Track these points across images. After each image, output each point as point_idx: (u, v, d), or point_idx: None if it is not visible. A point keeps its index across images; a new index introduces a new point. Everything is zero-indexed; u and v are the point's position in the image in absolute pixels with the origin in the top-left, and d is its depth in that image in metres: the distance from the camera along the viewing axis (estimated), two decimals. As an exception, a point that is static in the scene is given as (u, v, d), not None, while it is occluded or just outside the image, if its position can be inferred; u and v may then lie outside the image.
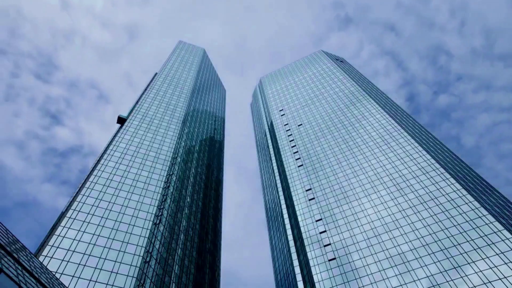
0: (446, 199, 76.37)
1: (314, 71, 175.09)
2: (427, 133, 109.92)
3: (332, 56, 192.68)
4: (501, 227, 65.72)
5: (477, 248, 64.35)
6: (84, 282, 57.50)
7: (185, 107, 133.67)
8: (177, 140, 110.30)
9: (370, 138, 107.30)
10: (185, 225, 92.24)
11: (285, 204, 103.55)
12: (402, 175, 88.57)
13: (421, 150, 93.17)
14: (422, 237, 71.43)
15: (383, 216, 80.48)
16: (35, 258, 36.49)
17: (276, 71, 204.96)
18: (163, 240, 76.23)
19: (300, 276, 78.81)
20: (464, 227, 69.03)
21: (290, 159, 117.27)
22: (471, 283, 59.56)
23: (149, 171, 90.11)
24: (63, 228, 65.51)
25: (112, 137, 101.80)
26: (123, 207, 76.12)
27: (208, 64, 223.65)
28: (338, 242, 79.72)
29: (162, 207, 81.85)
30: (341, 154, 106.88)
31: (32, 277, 28.63)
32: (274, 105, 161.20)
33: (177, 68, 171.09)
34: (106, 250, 64.75)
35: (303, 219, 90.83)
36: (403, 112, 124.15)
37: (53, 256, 59.46)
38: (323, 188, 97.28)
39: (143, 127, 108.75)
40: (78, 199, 73.34)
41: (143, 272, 64.28)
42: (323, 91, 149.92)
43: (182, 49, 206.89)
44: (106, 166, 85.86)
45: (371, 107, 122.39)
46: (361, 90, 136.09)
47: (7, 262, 25.31)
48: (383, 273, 68.69)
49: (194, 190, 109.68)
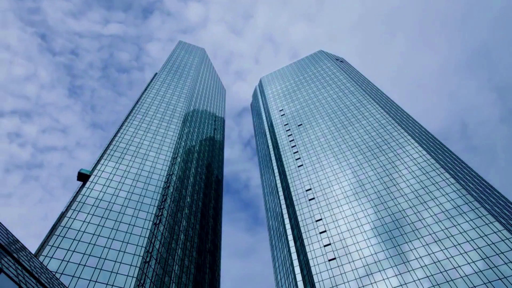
0: (446, 199, 76.37)
1: (314, 71, 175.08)
2: (427, 133, 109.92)
3: (332, 56, 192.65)
4: (501, 227, 65.73)
5: (477, 248, 64.35)
6: (84, 282, 57.50)
7: (185, 107, 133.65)
8: (177, 140, 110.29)
9: (370, 138, 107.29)
10: (185, 225, 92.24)
11: (285, 204, 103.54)
12: (402, 175, 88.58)
13: (421, 150, 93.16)
14: (422, 237, 71.43)
15: (383, 216, 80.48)
16: (35, 258, 36.49)
17: (276, 71, 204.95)
18: (163, 240, 76.22)
19: (300, 276, 78.81)
20: (464, 227, 69.03)
21: (290, 159, 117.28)
22: (471, 283, 59.55)
23: (149, 171, 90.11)
24: (63, 228, 65.51)
25: (112, 137, 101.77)
26: (123, 207, 76.12)
27: (208, 64, 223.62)
28: (338, 242, 79.72)
29: (162, 207, 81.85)
30: (341, 154, 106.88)
31: (32, 277, 28.64)
32: (274, 105, 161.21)
33: (177, 68, 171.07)
34: (106, 250, 64.76)
35: (303, 219, 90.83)
36: (403, 112, 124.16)
37: (53, 256, 59.47)
38: (323, 188, 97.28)
39: (143, 127, 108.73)
40: (78, 199, 73.34)
41: (143, 272, 64.28)
42: (323, 91, 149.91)
43: (182, 49, 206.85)
44: (106, 166, 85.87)
45: (371, 107, 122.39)
46: (361, 90, 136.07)
47: (7, 262, 25.31)
48: (383, 273, 68.71)
49: (194, 190, 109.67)
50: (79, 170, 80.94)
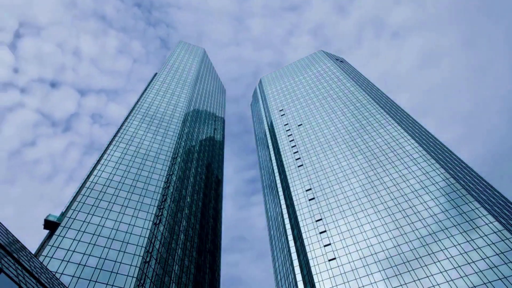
0: (446, 199, 76.38)
1: (314, 71, 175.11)
2: (427, 133, 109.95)
3: (332, 56, 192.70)
4: (501, 227, 65.74)
5: (477, 248, 64.37)
6: (84, 282, 57.51)
7: (185, 107, 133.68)
8: (177, 140, 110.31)
9: (370, 138, 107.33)
10: (185, 225, 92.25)
11: (285, 204, 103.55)
12: (402, 175, 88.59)
13: (421, 150, 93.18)
14: (422, 237, 71.44)
15: (383, 216, 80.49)
16: (35, 258, 36.50)
17: (276, 71, 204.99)
18: (163, 240, 76.23)
19: (300, 276, 78.81)
20: (464, 227, 69.05)
21: (290, 159, 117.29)
22: (471, 283, 59.58)
23: (149, 171, 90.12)
24: (63, 228, 65.50)
25: (112, 137, 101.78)
26: (123, 207, 76.14)
27: (208, 64, 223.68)
28: (338, 242, 79.72)
29: (162, 207, 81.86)
30: (341, 154, 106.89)
31: (32, 277, 28.64)
32: (274, 105, 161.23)
33: (177, 68, 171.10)
34: (106, 250, 64.76)
35: (303, 219, 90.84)
36: (403, 112, 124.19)
37: (53, 256, 59.48)
38: (323, 188, 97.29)
39: (143, 127, 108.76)
40: (78, 199, 73.36)
41: (143, 272, 64.29)
42: (323, 91, 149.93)
43: (182, 49, 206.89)
44: (106, 166, 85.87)
45: (371, 107, 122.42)
46: (361, 90, 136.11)
47: (7, 262, 25.32)
48: (383, 273, 68.71)
49: (194, 190, 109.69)
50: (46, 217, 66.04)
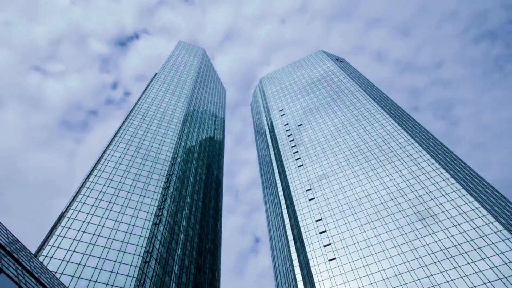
0: (446, 199, 76.38)
1: (314, 71, 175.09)
2: (427, 133, 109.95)
3: (332, 56, 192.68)
4: (501, 227, 65.74)
5: (477, 248, 64.35)
6: (84, 282, 57.50)
7: (185, 107, 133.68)
8: (177, 140, 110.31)
9: (370, 138, 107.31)
10: (185, 225, 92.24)
11: (285, 204, 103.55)
12: (402, 175, 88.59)
13: (421, 150, 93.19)
14: (422, 237, 71.43)
15: (383, 216, 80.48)
16: (35, 258, 36.49)
17: (276, 71, 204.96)
18: (163, 240, 76.23)
19: (300, 276, 78.81)
20: (464, 227, 69.04)
21: (290, 159, 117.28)
22: (471, 283, 59.56)
23: (149, 171, 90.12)
24: (63, 228, 65.52)
25: (112, 137, 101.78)
26: (123, 207, 76.13)
27: (208, 64, 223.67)
28: (338, 242, 79.71)
29: (162, 207, 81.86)
30: (341, 154, 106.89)
31: (32, 277, 28.63)
32: (274, 105, 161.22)
33: (177, 68, 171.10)
34: (106, 250, 64.76)
35: (303, 219, 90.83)
36: (403, 112, 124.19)
37: (53, 256, 59.47)
38: (323, 188, 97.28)
39: (143, 127, 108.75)
40: (78, 199, 73.35)
41: (143, 272, 64.29)
42: (323, 91, 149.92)
43: (182, 49, 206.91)
44: (106, 166, 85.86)
45: (371, 107, 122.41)
46: (361, 90, 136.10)
47: (7, 262, 25.31)
48: (383, 273, 68.70)
49: (194, 190, 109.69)
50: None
